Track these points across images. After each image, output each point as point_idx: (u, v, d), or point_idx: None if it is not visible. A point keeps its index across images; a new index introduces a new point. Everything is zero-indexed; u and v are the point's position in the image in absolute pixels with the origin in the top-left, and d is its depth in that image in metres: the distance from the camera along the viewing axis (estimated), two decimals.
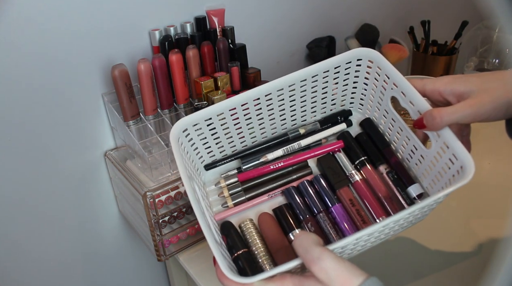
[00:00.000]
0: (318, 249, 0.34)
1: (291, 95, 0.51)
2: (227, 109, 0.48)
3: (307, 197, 0.50)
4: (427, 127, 0.44)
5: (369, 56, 0.50)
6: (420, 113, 0.45)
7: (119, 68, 0.58)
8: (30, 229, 0.65)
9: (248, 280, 0.35)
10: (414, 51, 0.96)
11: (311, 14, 0.84)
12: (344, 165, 0.51)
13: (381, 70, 0.49)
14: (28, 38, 0.55)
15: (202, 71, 0.66)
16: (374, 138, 0.52)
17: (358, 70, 0.52)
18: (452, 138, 0.43)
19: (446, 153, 0.43)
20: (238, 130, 0.52)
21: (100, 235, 0.74)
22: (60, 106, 0.61)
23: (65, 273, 0.73)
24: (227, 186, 0.51)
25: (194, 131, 0.48)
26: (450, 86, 0.44)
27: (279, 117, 0.53)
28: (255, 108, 0.50)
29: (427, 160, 0.47)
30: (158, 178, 0.60)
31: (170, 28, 0.65)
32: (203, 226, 0.39)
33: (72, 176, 0.66)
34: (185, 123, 0.47)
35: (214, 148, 0.52)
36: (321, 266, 0.34)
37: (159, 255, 0.62)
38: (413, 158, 0.49)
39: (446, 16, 1.07)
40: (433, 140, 0.45)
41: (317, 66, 0.50)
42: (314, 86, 0.51)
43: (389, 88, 0.49)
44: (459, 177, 0.41)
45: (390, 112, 0.50)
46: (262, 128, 0.53)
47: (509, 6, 0.22)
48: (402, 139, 0.50)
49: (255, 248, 0.46)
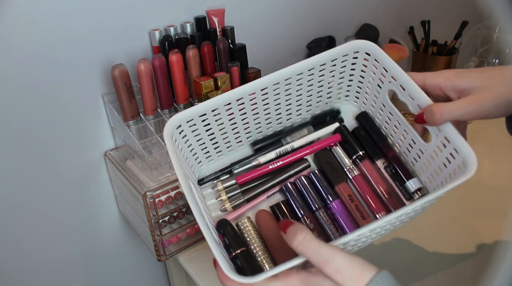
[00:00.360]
0: (327, 249, 0.34)
1: (287, 90, 0.50)
2: (222, 104, 0.47)
3: (305, 193, 0.49)
4: (427, 123, 0.43)
5: (366, 49, 0.50)
6: (420, 107, 0.44)
7: (119, 68, 0.58)
8: (30, 229, 0.65)
9: (252, 280, 0.34)
10: (414, 51, 0.96)
11: (311, 14, 0.84)
12: (342, 160, 0.51)
13: (378, 63, 0.49)
14: (28, 38, 0.55)
15: (202, 71, 0.66)
16: (370, 132, 0.52)
17: (355, 63, 0.51)
18: (453, 132, 0.42)
19: (447, 147, 0.43)
20: (233, 125, 0.50)
21: (100, 235, 0.74)
22: (60, 106, 0.61)
23: (65, 273, 0.73)
24: (224, 189, 0.50)
25: (189, 128, 0.47)
26: (452, 82, 0.43)
27: (275, 112, 0.52)
28: (250, 103, 0.49)
29: (426, 154, 0.46)
30: (158, 178, 0.60)
31: (170, 28, 0.65)
32: (202, 226, 0.38)
33: (72, 176, 0.66)
34: (179, 119, 0.46)
35: (209, 146, 0.50)
36: (334, 267, 0.33)
37: (159, 255, 0.62)
38: (411, 152, 0.49)
39: (446, 16, 1.07)
40: (433, 135, 0.45)
41: (314, 59, 0.49)
42: (310, 79, 0.51)
43: (387, 82, 0.48)
44: (460, 172, 0.40)
45: (388, 106, 0.49)
46: (257, 124, 0.52)
47: (509, 6, 0.22)
48: (399, 133, 0.49)
49: (254, 247, 0.45)
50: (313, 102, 0.54)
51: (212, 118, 0.48)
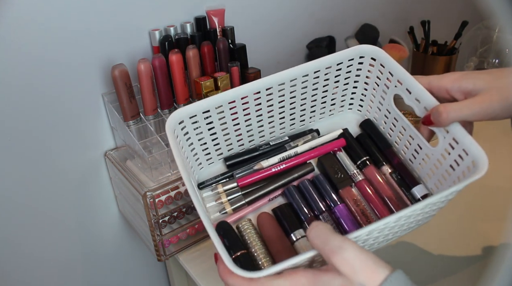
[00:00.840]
0: (339, 238, 0.32)
1: (292, 92, 0.50)
2: (226, 101, 0.47)
3: (308, 196, 0.48)
4: (434, 124, 0.43)
5: (372, 54, 0.50)
6: (427, 110, 0.44)
7: (119, 68, 0.58)
8: (30, 229, 0.65)
9: (255, 275, 0.33)
10: (414, 51, 0.96)
11: (311, 14, 0.84)
12: (346, 165, 0.50)
13: (384, 68, 0.48)
14: (28, 38, 0.55)
15: (202, 71, 0.66)
16: (375, 139, 0.52)
17: (360, 68, 0.51)
18: (462, 133, 0.42)
19: (455, 149, 0.42)
20: (236, 126, 0.50)
21: (100, 235, 0.74)
22: (60, 106, 0.61)
23: (65, 273, 0.73)
24: (225, 192, 0.49)
25: (191, 125, 0.47)
26: (458, 84, 0.43)
27: (278, 115, 0.52)
28: (254, 103, 0.48)
29: (432, 159, 0.46)
30: (158, 178, 0.60)
31: (170, 28, 0.65)
32: (204, 220, 0.37)
33: (72, 176, 0.66)
34: (182, 114, 0.45)
35: (210, 146, 0.50)
36: (343, 256, 0.31)
37: (159, 255, 0.62)
38: (416, 158, 0.48)
39: (446, 16, 1.07)
40: (440, 137, 0.44)
41: (320, 61, 0.49)
42: (315, 83, 0.50)
43: (393, 86, 0.48)
44: (471, 173, 0.40)
45: (393, 112, 0.49)
46: (260, 126, 0.51)
47: (509, 6, 0.22)
48: (404, 139, 0.49)
49: (255, 250, 0.44)
50: (317, 109, 0.53)
51: (216, 116, 0.47)
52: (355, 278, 0.30)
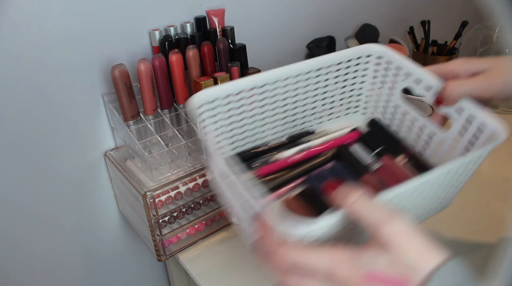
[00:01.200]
0: (388, 210, 0.28)
1: (306, 86, 0.51)
2: (248, 87, 0.47)
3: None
4: (443, 101, 0.45)
5: (378, 52, 0.52)
6: None
7: (119, 68, 0.58)
8: (30, 229, 0.65)
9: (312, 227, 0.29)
10: (414, 51, 0.96)
11: (311, 14, 0.84)
12: (363, 155, 0.51)
13: (391, 64, 0.50)
14: (28, 38, 0.55)
15: (202, 71, 0.66)
16: (384, 136, 0.53)
17: (367, 67, 0.53)
18: (475, 109, 0.44)
19: (472, 124, 0.44)
20: (252, 118, 0.50)
21: (100, 235, 0.74)
22: (60, 106, 0.61)
23: (65, 273, 0.73)
24: None
25: (209, 111, 0.46)
26: (465, 66, 0.46)
27: (292, 111, 0.52)
28: (272, 93, 0.49)
29: (447, 142, 0.47)
30: (158, 178, 0.60)
31: (170, 28, 0.65)
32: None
33: (72, 176, 0.66)
34: (202, 98, 0.44)
35: (228, 136, 0.49)
36: (394, 229, 0.27)
37: (159, 255, 0.62)
38: (430, 145, 0.49)
39: (446, 16, 1.07)
40: (453, 118, 0.46)
41: (330, 56, 0.50)
42: (326, 79, 0.52)
43: (401, 81, 0.50)
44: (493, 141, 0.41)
45: (402, 106, 0.51)
46: (275, 120, 0.52)
47: (509, 6, 0.22)
48: (415, 132, 0.50)
49: None
50: (326, 107, 0.54)
51: (236, 103, 0.47)
52: (405, 254, 0.27)
